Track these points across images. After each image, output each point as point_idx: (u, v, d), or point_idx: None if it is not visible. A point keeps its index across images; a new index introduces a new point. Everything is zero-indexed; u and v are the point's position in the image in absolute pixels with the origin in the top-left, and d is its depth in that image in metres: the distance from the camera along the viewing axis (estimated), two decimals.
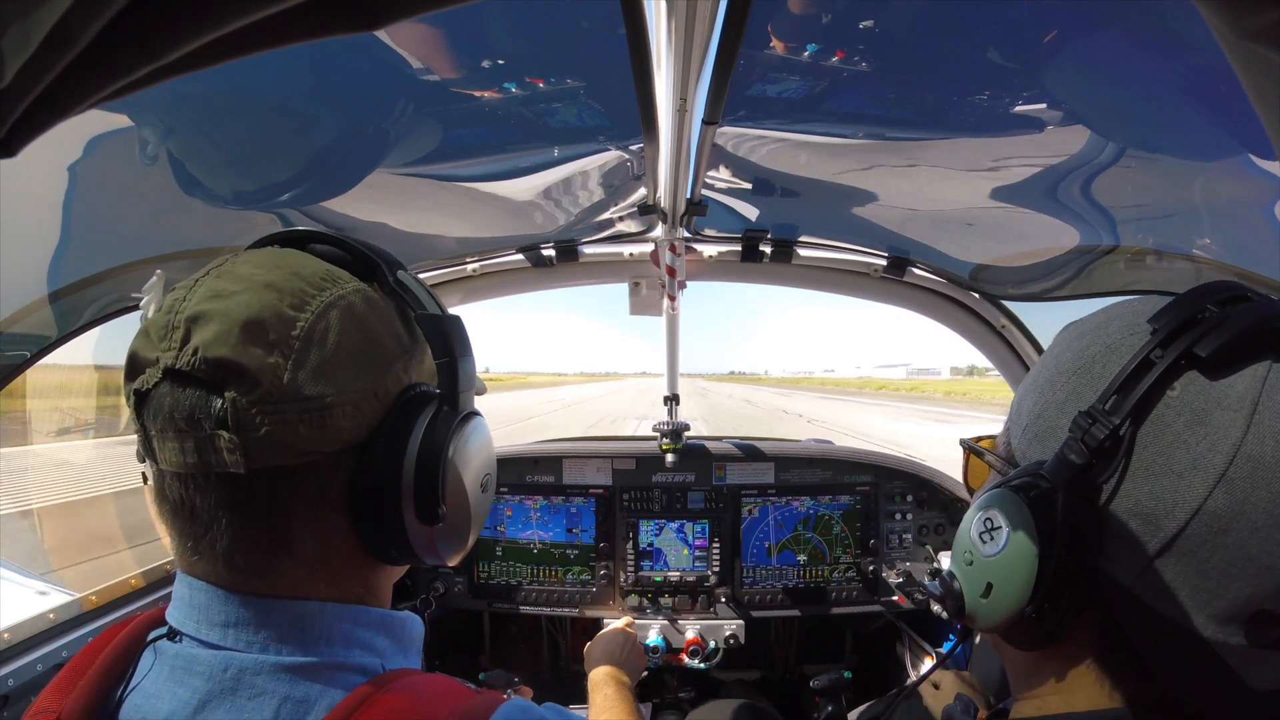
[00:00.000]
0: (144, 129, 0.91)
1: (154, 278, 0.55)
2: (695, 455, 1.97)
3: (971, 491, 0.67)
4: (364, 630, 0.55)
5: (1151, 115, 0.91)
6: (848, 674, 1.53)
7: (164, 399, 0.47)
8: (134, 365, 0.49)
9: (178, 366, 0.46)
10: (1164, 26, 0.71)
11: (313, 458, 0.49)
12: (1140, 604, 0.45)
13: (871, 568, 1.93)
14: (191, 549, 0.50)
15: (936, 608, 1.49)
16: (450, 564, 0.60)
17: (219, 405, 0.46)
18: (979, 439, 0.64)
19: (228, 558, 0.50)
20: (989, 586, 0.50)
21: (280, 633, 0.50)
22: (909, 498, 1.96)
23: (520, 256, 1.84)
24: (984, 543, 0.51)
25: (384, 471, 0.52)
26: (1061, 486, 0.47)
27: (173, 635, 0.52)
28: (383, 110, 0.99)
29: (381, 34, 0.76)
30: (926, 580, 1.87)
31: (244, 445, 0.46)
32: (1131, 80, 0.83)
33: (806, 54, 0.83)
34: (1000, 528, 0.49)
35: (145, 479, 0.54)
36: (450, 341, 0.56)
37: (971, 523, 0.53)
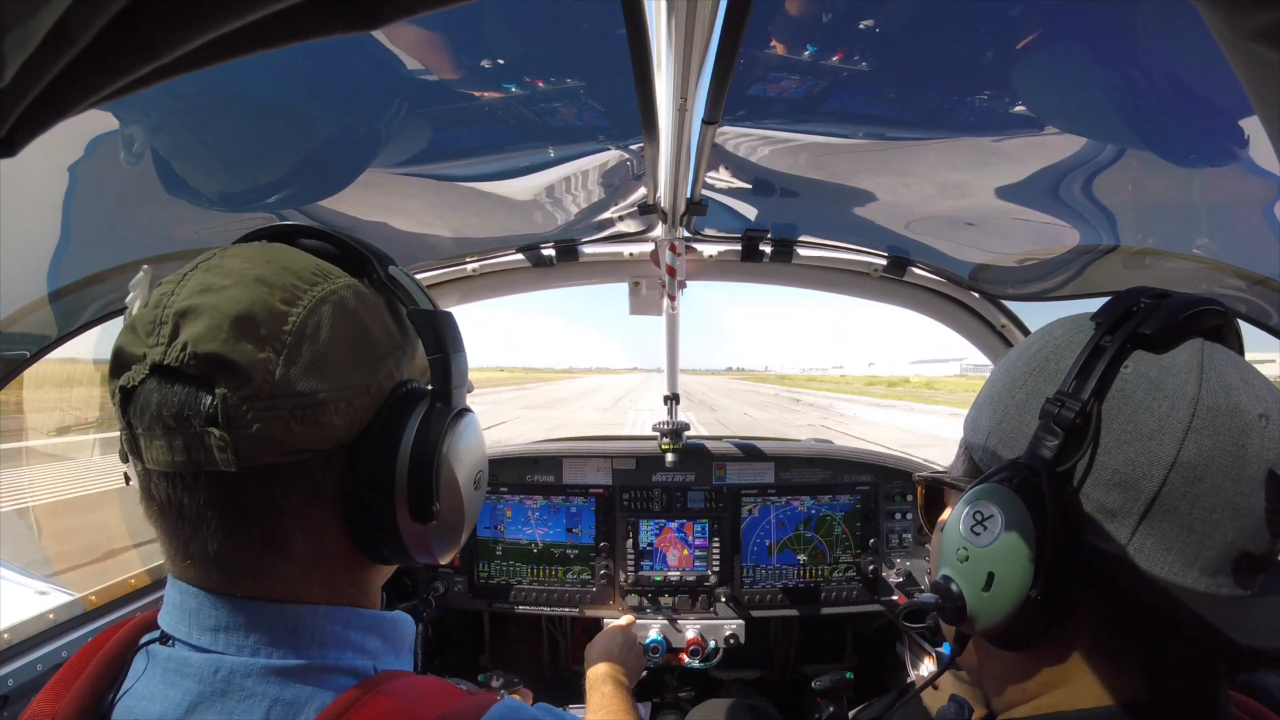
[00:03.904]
0: (144, 129, 0.91)
1: (140, 273, 0.53)
2: (695, 455, 1.97)
3: (930, 523, 0.67)
4: (355, 632, 0.54)
5: (1151, 115, 0.91)
6: (849, 674, 1.53)
7: (151, 396, 0.46)
8: (119, 361, 0.47)
9: (166, 362, 0.45)
10: (1163, 26, 0.71)
11: (305, 456, 0.48)
12: (1135, 570, 0.47)
13: (871, 567, 1.93)
14: (182, 551, 0.49)
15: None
16: (442, 562, 0.60)
17: (209, 402, 0.45)
18: (931, 474, 0.65)
19: (219, 559, 0.49)
20: (990, 577, 0.50)
21: (271, 636, 0.50)
22: (909, 497, 1.96)
23: (520, 256, 1.84)
24: (976, 535, 0.51)
25: (377, 469, 0.51)
26: (1043, 468, 0.49)
27: (164, 639, 0.52)
28: (383, 110, 0.99)
29: (381, 34, 0.76)
30: (918, 594, 1.84)
31: (235, 443, 0.45)
32: (1131, 80, 0.83)
33: (806, 54, 0.83)
34: (993, 516, 0.50)
35: (128, 480, 0.52)
36: (443, 337, 0.56)
37: (960, 519, 0.53)
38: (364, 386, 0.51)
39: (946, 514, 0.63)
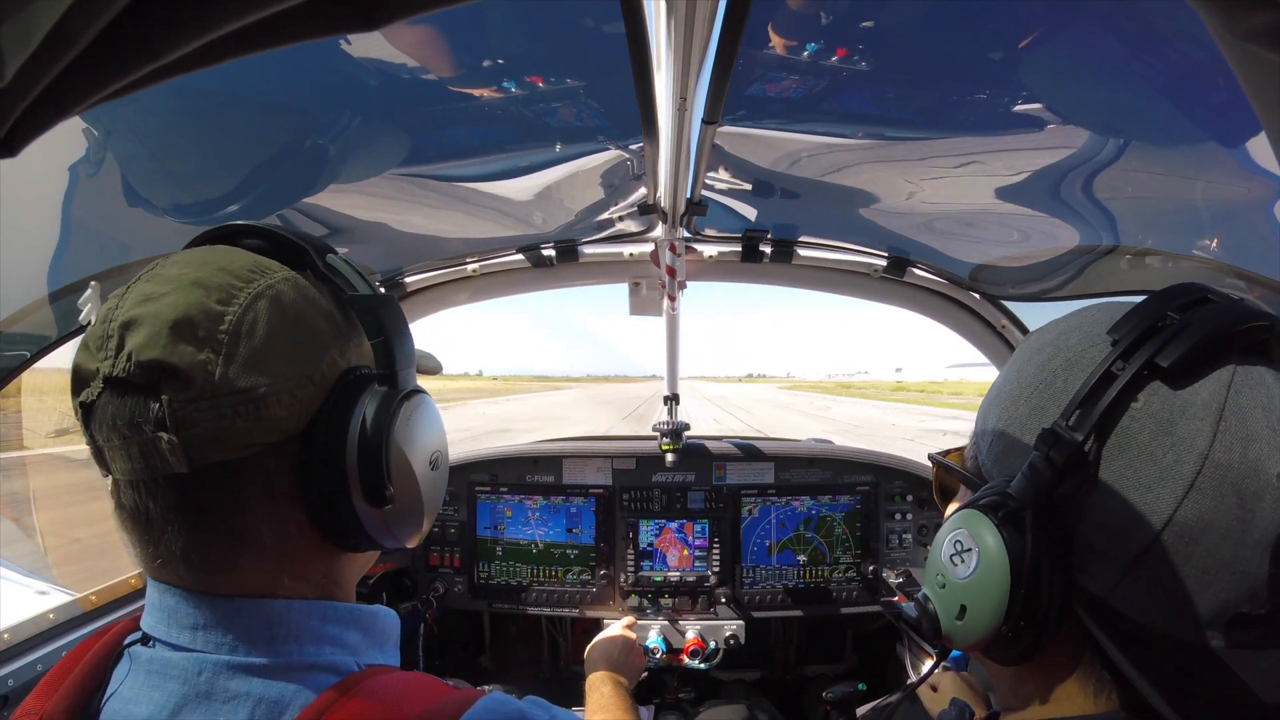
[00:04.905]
0: (145, 130, 0.91)
1: (89, 289, 0.54)
2: (695, 455, 1.97)
3: (943, 505, 0.65)
4: (333, 626, 0.54)
5: (1151, 115, 0.91)
6: (862, 686, 1.51)
7: (107, 408, 0.47)
8: (78, 378, 0.49)
9: (115, 374, 0.46)
10: (1163, 26, 0.71)
11: (255, 450, 0.49)
12: (1116, 615, 0.45)
13: (871, 568, 1.93)
14: (153, 554, 0.50)
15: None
16: (409, 546, 0.60)
17: (156, 408, 0.46)
18: (946, 452, 0.63)
19: (186, 558, 0.50)
20: (963, 609, 0.49)
21: (249, 633, 0.50)
22: (909, 497, 1.96)
23: (520, 256, 1.84)
24: (955, 565, 0.50)
25: (327, 457, 0.52)
26: (1029, 505, 0.46)
27: (146, 640, 0.52)
28: (383, 111, 0.99)
29: (380, 34, 0.76)
30: (899, 603, 1.83)
31: (184, 444, 0.46)
32: (1131, 79, 0.83)
33: (806, 53, 0.83)
34: (971, 549, 0.49)
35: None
36: (383, 320, 0.56)
37: (942, 545, 0.52)
38: (307, 377, 0.51)
39: (951, 509, 0.62)
